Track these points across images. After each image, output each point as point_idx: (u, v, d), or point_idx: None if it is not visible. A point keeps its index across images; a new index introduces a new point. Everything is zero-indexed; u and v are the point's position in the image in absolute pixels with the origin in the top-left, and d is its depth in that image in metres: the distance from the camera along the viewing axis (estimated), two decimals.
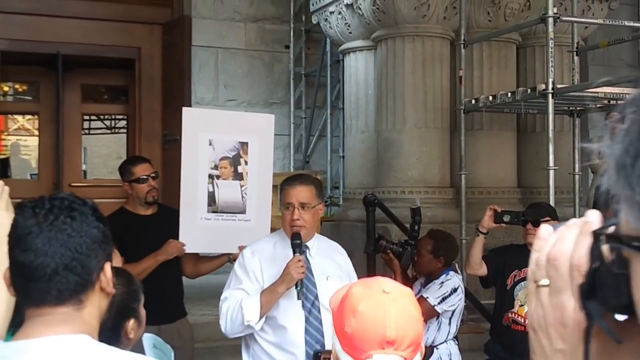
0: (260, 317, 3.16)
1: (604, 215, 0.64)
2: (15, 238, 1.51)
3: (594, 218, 0.65)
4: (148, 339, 2.64)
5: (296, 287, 3.15)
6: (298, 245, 3.21)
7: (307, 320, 3.23)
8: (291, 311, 3.21)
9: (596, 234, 0.61)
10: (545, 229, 0.69)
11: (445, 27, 6.93)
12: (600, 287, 0.61)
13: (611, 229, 0.59)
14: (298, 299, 3.17)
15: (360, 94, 7.56)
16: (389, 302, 1.81)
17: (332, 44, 8.59)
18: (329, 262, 3.38)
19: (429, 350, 4.14)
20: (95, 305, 1.55)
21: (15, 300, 2.28)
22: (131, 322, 2.17)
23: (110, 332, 1.93)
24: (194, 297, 5.85)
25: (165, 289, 4.03)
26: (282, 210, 3.33)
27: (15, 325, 2.32)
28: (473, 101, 6.49)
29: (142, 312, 2.25)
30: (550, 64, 5.60)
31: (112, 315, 1.80)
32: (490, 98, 6.27)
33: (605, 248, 0.60)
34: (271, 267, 3.27)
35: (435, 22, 6.85)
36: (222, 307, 3.27)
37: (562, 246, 0.66)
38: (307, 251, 3.36)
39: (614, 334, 0.62)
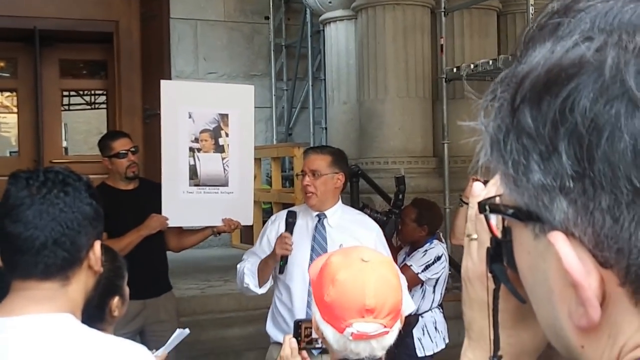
0: (261, 283, 3.43)
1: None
2: (6, 208, 1.49)
3: (477, 192, 0.70)
4: (181, 335, 2.71)
5: (280, 262, 3.36)
6: (290, 223, 3.41)
7: (310, 283, 3.30)
8: (299, 276, 3.38)
9: (481, 205, 0.64)
10: (477, 185, 0.71)
11: None
12: (503, 251, 0.64)
13: (493, 200, 0.62)
14: (280, 273, 3.39)
15: (342, 64, 7.52)
16: (367, 270, 1.81)
17: (312, 14, 8.52)
18: (347, 234, 3.43)
19: (414, 318, 4.16)
20: (81, 283, 1.54)
21: None
22: (115, 300, 2.16)
23: (95, 310, 1.92)
24: (179, 271, 5.84)
25: (150, 263, 4.01)
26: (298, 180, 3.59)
27: None
28: (454, 69, 6.47)
29: (126, 289, 2.24)
30: None
31: (97, 293, 1.79)
32: (472, 66, 6.26)
33: (491, 217, 0.64)
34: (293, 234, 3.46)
35: None
36: (238, 266, 3.56)
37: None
38: (325, 220, 3.49)
39: (519, 294, 0.64)
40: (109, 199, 4.13)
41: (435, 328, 4.21)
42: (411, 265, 4.12)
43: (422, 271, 4.13)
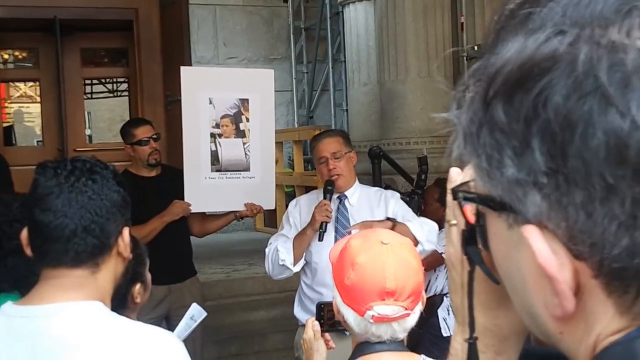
0: (296, 259, 3.47)
1: None
2: (36, 198, 1.51)
3: (453, 177, 0.70)
4: (191, 310, 2.72)
5: (320, 229, 3.42)
6: (329, 191, 3.50)
7: None
8: (323, 254, 3.40)
9: (454, 191, 0.64)
10: (453, 170, 0.72)
11: None
12: (477, 234, 0.65)
13: (467, 186, 0.63)
14: (319, 240, 3.43)
15: (362, 45, 7.48)
16: (387, 253, 1.81)
17: None
18: (371, 210, 3.54)
19: (439, 298, 4.16)
20: (110, 270, 1.55)
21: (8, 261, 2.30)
22: (137, 287, 2.18)
23: (118, 296, 1.94)
24: (204, 255, 5.88)
25: (174, 249, 4.05)
26: (317, 167, 3.61)
27: (18, 287, 2.34)
28: (475, 47, 6.41)
29: (148, 276, 2.26)
30: None
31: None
32: None
33: (466, 207, 0.65)
34: (307, 216, 3.55)
35: None
36: (266, 250, 3.57)
37: None
38: (346, 200, 3.59)
39: (493, 276, 0.65)
40: (132, 186, 4.13)
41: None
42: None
43: None
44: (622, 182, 0.50)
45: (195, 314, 2.88)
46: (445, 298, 4.19)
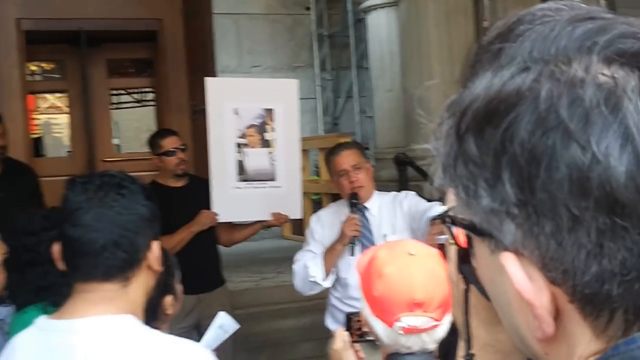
0: (327, 275, 3.47)
1: None
2: (66, 213, 1.54)
3: (452, 198, 0.72)
4: (220, 318, 2.73)
5: (350, 244, 3.43)
6: (355, 204, 3.49)
7: None
8: (351, 269, 3.39)
9: (442, 216, 0.67)
10: (452, 192, 0.73)
11: None
12: (471, 254, 0.67)
13: (455, 211, 0.64)
14: (351, 255, 3.42)
15: (385, 52, 7.48)
16: (415, 264, 1.81)
17: (353, 3, 8.50)
18: (391, 217, 3.54)
19: None
20: (141, 283, 1.57)
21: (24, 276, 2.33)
22: (168, 299, 2.20)
23: (149, 309, 1.96)
24: (232, 264, 5.91)
25: (202, 259, 4.08)
26: (336, 180, 3.57)
27: (38, 298, 2.37)
28: None
29: (179, 287, 2.28)
30: None
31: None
32: None
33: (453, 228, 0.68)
34: (331, 230, 3.56)
35: None
36: (294, 267, 3.59)
37: None
38: (367, 211, 3.58)
39: (486, 294, 0.66)
40: (160, 197, 4.15)
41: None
42: None
43: None
44: (586, 213, 0.52)
45: (225, 323, 2.88)
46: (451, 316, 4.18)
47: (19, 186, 4.92)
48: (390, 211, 3.57)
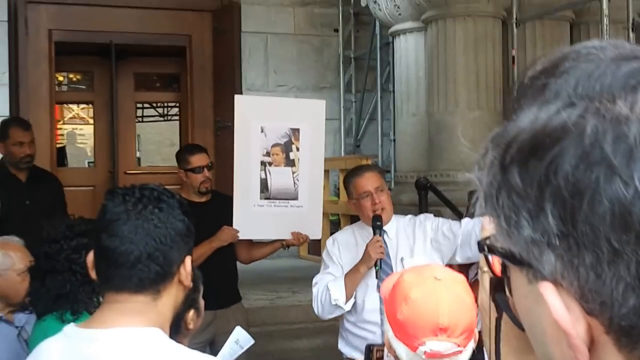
0: (348, 297, 3.42)
1: None
2: (103, 223, 1.55)
3: (486, 226, 0.72)
4: (236, 334, 2.74)
5: (375, 267, 3.38)
6: (379, 227, 3.45)
7: (381, 300, 3.32)
8: (369, 292, 3.44)
9: (480, 243, 0.68)
10: (486, 219, 0.74)
11: (497, 6, 6.80)
12: (505, 282, 0.68)
13: (493, 239, 0.66)
14: (377, 278, 3.38)
15: (411, 76, 7.50)
16: (441, 289, 1.81)
17: (382, 26, 8.52)
18: (409, 240, 3.53)
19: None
20: (171, 297, 1.58)
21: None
22: (191, 313, 2.20)
23: (173, 323, 1.97)
24: (248, 282, 5.91)
25: (221, 274, 4.09)
26: (358, 202, 3.53)
27: (58, 305, 2.39)
28: None
29: (201, 302, 2.29)
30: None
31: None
32: None
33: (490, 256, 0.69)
34: (348, 253, 3.55)
35: (486, 1, 6.73)
36: (314, 290, 3.53)
37: None
38: (385, 234, 3.55)
39: (519, 323, 0.68)
40: None
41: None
42: None
43: None
44: (627, 247, 0.53)
45: (240, 339, 2.89)
46: (474, 343, 4.14)
47: (44, 194, 4.97)
48: (409, 234, 3.57)
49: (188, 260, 1.60)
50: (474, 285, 3.74)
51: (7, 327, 2.99)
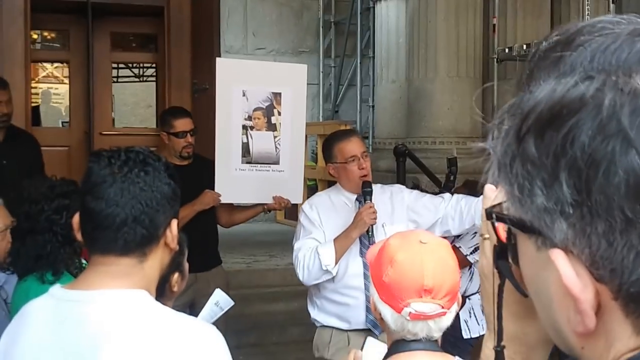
0: (336, 262, 3.36)
1: None
2: (89, 185, 1.54)
3: (488, 194, 0.76)
4: (216, 296, 2.75)
5: (367, 233, 3.36)
6: (369, 192, 3.42)
7: (364, 265, 3.38)
8: (352, 257, 3.41)
9: (488, 211, 0.70)
10: (489, 188, 0.77)
11: None
12: (508, 249, 0.70)
13: (500, 207, 0.68)
14: (370, 243, 3.33)
15: (391, 42, 7.49)
16: (426, 252, 1.85)
17: None
18: (386, 207, 3.50)
19: (461, 300, 4.17)
20: (157, 260, 1.58)
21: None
22: (175, 276, 2.21)
23: (158, 285, 1.97)
24: (225, 245, 5.90)
25: (202, 238, 4.08)
26: (341, 167, 3.48)
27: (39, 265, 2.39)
28: (507, 50, 6.40)
29: (186, 265, 2.30)
30: (586, 13, 5.50)
31: None
32: (524, 47, 6.18)
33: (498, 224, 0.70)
34: (328, 217, 3.48)
35: None
36: (298, 256, 3.41)
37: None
38: (364, 200, 3.49)
39: (521, 289, 0.71)
40: None
41: (482, 311, 4.22)
42: (460, 247, 4.12)
43: (471, 253, 4.13)
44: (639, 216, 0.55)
45: (220, 300, 2.91)
46: (467, 300, 4.21)
47: (21, 154, 4.92)
48: (386, 202, 3.54)
49: (174, 223, 1.60)
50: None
51: None
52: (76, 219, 1.61)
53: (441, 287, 1.81)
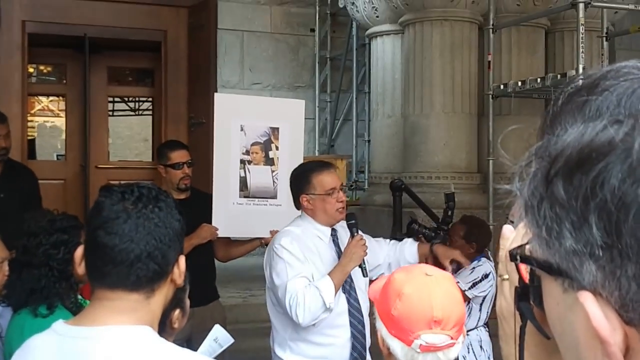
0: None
1: None
2: (100, 220, 1.53)
3: (507, 235, 0.77)
4: (215, 332, 2.72)
5: (361, 265, 3.26)
6: (355, 224, 3.34)
7: (348, 302, 3.34)
8: (338, 294, 3.25)
9: (512, 252, 0.70)
10: (507, 228, 0.78)
11: (474, 11, 6.88)
12: (530, 291, 0.71)
13: (524, 249, 0.68)
14: (364, 276, 3.30)
15: (387, 78, 7.54)
16: (432, 284, 1.87)
17: (359, 28, 8.57)
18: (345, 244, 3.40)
19: None
20: (162, 295, 1.58)
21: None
22: (176, 312, 2.20)
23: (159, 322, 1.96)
24: (222, 279, 5.88)
25: (199, 272, 4.05)
26: (321, 198, 3.35)
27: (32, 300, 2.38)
28: (502, 86, 6.46)
29: (187, 302, 2.28)
30: (581, 50, 5.56)
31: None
32: (520, 83, 6.24)
33: (521, 265, 0.71)
34: (308, 250, 3.31)
35: (463, 6, 6.81)
36: (297, 297, 3.16)
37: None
38: (337, 233, 3.45)
39: (544, 331, 0.70)
40: None
41: (481, 347, 4.20)
42: (458, 282, 4.10)
43: (469, 289, 4.13)
44: None
45: (220, 337, 2.88)
46: (466, 336, 4.19)
47: (19, 187, 4.92)
48: (346, 235, 3.43)
49: (182, 259, 1.60)
50: None
51: None
52: (79, 252, 1.60)
53: (449, 317, 1.83)
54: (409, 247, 3.62)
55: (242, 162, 4.26)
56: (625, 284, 0.57)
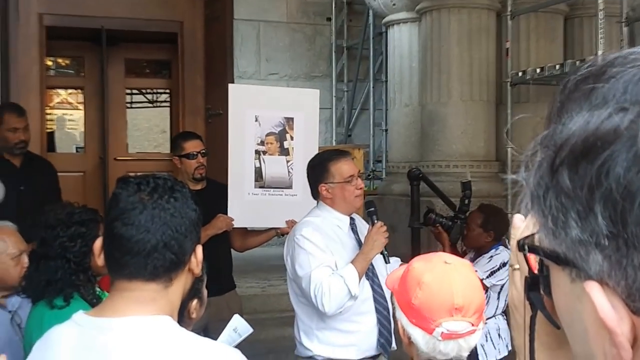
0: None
1: None
2: (117, 211, 1.55)
3: (517, 224, 0.76)
4: (235, 322, 2.73)
5: (383, 252, 3.30)
6: (374, 212, 3.39)
7: (372, 288, 3.37)
8: (362, 281, 3.30)
9: (520, 242, 0.70)
10: (517, 217, 0.77)
11: None
12: (540, 281, 0.70)
13: (533, 239, 0.68)
14: (387, 262, 3.33)
15: (404, 66, 7.50)
16: (452, 271, 1.88)
17: (375, 16, 8.52)
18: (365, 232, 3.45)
19: None
20: (181, 285, 1.59)
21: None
22: (194, 302, 2.20)
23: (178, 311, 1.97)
24: (240, 269, 5.91)
25: (215, 262, 4.07)
26: (340, 186, 3.38)
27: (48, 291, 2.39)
28: (520, 74, 6.40)
29: (205, 292, 2.29)
30: (600, 36, 5.49)
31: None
32: (538, 70, 6.18)
33: (529, 255, 0.70)
34: (329, 240, 3.34)
35: None
36: (322, 287, 3.18)
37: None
38: (355, 222, 3.49)
39: (554, 321, 0.70)
40: None
41: (499, 335, 4.18)
42: (476, 271, 4.07)
43: (487, 277, 4.11)
44: None
45: (239, 327, 2.89)
46: (483, 324, 4.17)
47: (39, 180, 4.96)
48: (364, 223, 3.53)
49: (199, 249, 1.61)
50: None
51: (0, 312, 2.99)
52: (98, 244, 1.61)
53: (470, 304, 1.84)
54: None
55: (257, 152, 4.27)
56: (631, 274, 0.56)
